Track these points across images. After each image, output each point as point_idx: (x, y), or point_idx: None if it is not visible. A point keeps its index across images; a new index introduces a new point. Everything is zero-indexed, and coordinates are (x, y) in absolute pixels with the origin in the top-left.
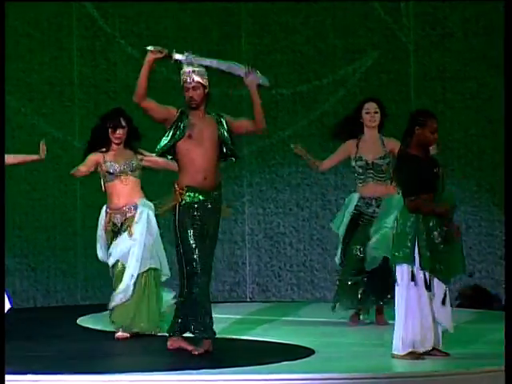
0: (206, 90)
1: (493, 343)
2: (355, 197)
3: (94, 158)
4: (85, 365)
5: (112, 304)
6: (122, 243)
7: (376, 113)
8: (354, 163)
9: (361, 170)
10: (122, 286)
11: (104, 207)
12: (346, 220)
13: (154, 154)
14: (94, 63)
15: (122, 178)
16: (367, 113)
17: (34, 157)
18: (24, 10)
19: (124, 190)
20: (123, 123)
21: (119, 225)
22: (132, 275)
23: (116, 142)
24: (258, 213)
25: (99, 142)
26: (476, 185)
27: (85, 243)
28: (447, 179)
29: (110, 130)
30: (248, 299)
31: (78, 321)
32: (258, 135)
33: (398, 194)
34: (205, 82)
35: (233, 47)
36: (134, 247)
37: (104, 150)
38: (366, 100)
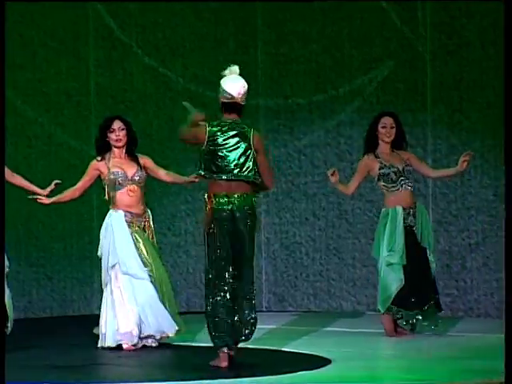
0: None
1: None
2: (399, 211)
3: (92, 169)
4: (101, 374)
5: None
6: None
7: (392, 128)
8: (387, 170)
9: (394, 177)
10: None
11: (120, 213)
12: (401, 238)
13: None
14: (110, 73)
15: (130, 187)
16: (383, 127)
17: (37, 189)
18: (41, 19)
19: (135, 198)
20: (121, 125)
21: (143, 231)
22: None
23: (117, 144)
24: (274, 222)
25: (103, 151)
26: (493, 194)
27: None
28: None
29: (109, 135)
30: (264, 309)
31: (94, 330)
32: (273, 145)
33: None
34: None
35: (249, 57)
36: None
37: (100, 158)
38: (383, 114)
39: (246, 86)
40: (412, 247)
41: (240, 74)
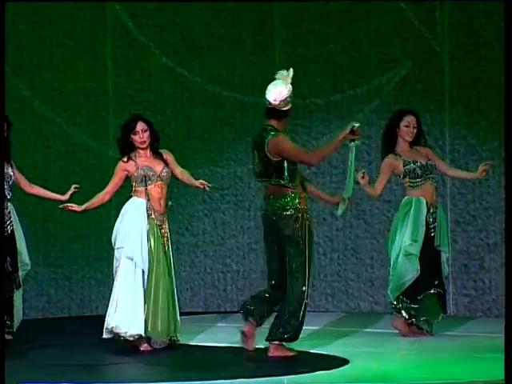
0: None
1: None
2: (423, 201)
3: (119, 170)
4: (118, 374)
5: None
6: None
7: (414, 128)
8: (412, 166)
9: (420, 172)
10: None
11: (141, 200)
12: (423, 230)
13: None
14: (128, 73)
15: (158, 183)
16: (407, 126)
17: (58, 196)
18: (59, 20)
19: (161, 196)
20: (143, 126)
21: (160, 227)
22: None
23: (141, 146)
24: None
25: (127, 151)
26: None
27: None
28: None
29: (132, 137)
30: None
31: None
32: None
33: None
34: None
35: (266, 57)
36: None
37: (126, 159)
38: (406, 112)
39: (285, 92)
40: (426, 245)
41: (258, 75)
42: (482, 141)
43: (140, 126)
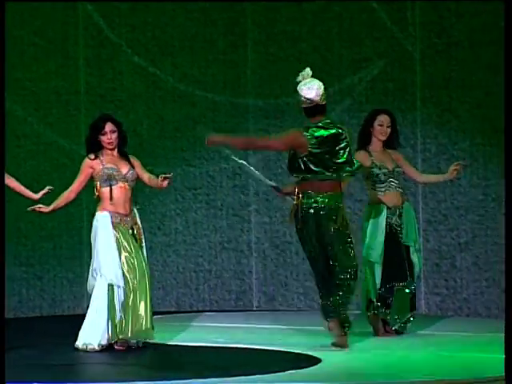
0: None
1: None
2: (383, 209)
3: (84, 168)
4: (90, 374)
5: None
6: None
7: (388, 127)
8: (377, 171)
9: (383, 178)
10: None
11: (104, 214)
12: (382, 237)
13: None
14: (100, 72)
15: (122, 184)
16: (380, 125)
17: (30, 193)
18: (30, 19)
19: (126, 197)
20: (112, 127)
21: (130, 230)
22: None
23: (109, 147)
24: (264, 222)
25: (94, 150)
26: (482, 194)
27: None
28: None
29: (101, 137)
30: (254, 308)
31: None
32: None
33: (408, 201)
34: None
35: (239, 56)
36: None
37: (93, 157)
38: (380, 111)
39: (322, 86)
40: (393, 247)
41: (230, 74)
42: (454, 140)
43: (109, 126)
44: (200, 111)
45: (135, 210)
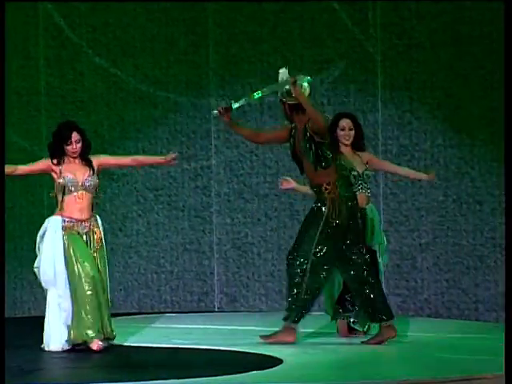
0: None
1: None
2: None
3: (44, 163)
4: (49, 376)
5: None
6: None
7: (351, 130)
8: (346, 173)
9: (353, 181)
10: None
11: (57, 218)
12: None
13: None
14: (61, 73)
15: (80, 192)
16: (342, 129)
17: None
18: None
19: (82, 205)
20: (78, 137)
21: (84, 236)
22: None
23: (73, 155)
24: (226, 223)
25: (57, 156)
26: (443, 195)
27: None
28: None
29: (65, 146)
30: (216, 309)
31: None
32: (225, 146)
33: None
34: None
35: (200, 57)
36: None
37: (55, 162)
38: (341, 116)
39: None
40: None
41: (192, 75)
42: (414, 141)
43: (75, 136)
44: (161, 112)
45: (96, 217)
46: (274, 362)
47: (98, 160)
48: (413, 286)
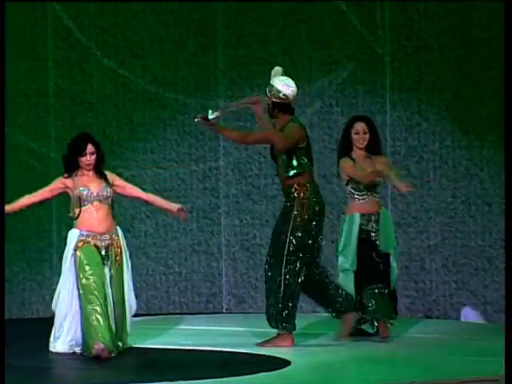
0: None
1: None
2: (356, 217)
3: (59, 182)
4: (61, 378)
5: None
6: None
7: (365, 133)
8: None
9: (362, 187)
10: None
11: (75, 231)
12: (354, 244)
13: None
14: (69, 74)
15: (95, 203)
16: (356, 133)
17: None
18: None
19: (99, 216)
20: (93, 149)
21: (103, 250)
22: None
23: (87, 168)
24: (234, 224)
25: (71, 170)
26: (451, 196)
27: (60, 255)
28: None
29: (80, 158)
30: (224, 311)
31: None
32: (234, 147)
33: (385, 208)
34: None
35: (209, 58)
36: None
37: (66, 175)
38: (356, 119)
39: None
40: (369, 253)
41: (200, 76)
42: (423, 142)
43: (89, 148)
44: (170, 113)
45: (118, 229)
46: (282, 363)
47: (111, 176)
48: (421, 288)
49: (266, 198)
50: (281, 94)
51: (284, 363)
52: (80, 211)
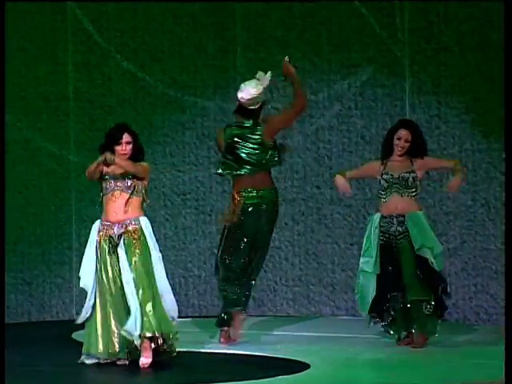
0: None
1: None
2: (376, 218)
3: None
4: (79, 380)
5: None
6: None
7: (406, 142)
8: (379, 178)
9: (386, 185)
10: None
11: (97, 221)
12: (375, 247)
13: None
14: (89, 78)
15: (116, 192)
16: (398, 139)
17: None
18: (20, 24)
19: (117, 205)
20: (129, 139)
21: (116, 237)
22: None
23: (122, 158)
24: None
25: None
26: (471, 199)
27: (80, 257)
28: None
29: (115, 147)
30: None
31: (73, 335)
32: None
33: (421, 210)
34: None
35: (228, 61)
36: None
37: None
38: (402, 125)
39: (253, 92)
40: (388, 257)
41: (220, 79)
42: (442, 146)
43: (125, 137)
44: (189, 117)
45: (141, 219)
46: (301, 366)
47: (143, 167)
48: None
49: (285, 200)
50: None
51: (303, 366)
52: (102, 199)
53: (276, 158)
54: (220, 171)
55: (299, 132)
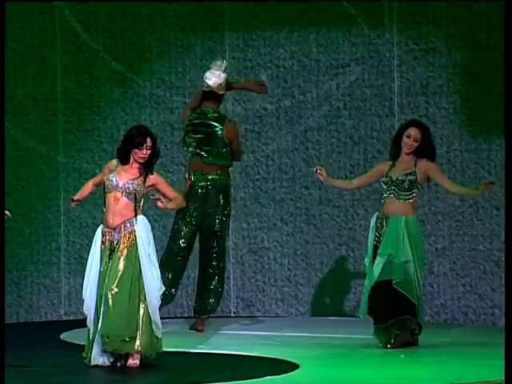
0: None
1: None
2: (373, 218)
3: (107, 165)
4: (67, 380)
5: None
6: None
7: (415, 141)
8: (381, 179)
9: (385, 187)
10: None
11: (99, 229)
12: (371, 248)
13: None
14: (77, 78)
15: (116, 193)
16: (407, 136)
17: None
18: (8, 24)
19: (115, 208)
20: (151, 144)
21: (115, 243)
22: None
23: (140, 161)
24: (242, 228)
25: (123, 162)
26: (459, 200)
27: (68, 258)
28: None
29: (135, 150)
30: (232, 314)
31: (61, 336)
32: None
33: (413, 215)
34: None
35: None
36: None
37: (116, 162)
38: (413, 124)
39: (223, 77)
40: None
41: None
42: None
43: (148, 142)
44: (178, 117)
45: (134, 220)
46: (291, 366)
47: (156, 178)
48: (429, 291)
49: (273, 201)
50: (204, 82)
51: (292, 366)
52: (104, 199)
53: (226, 160)
54: (183, 145)
55: (288, 132)
